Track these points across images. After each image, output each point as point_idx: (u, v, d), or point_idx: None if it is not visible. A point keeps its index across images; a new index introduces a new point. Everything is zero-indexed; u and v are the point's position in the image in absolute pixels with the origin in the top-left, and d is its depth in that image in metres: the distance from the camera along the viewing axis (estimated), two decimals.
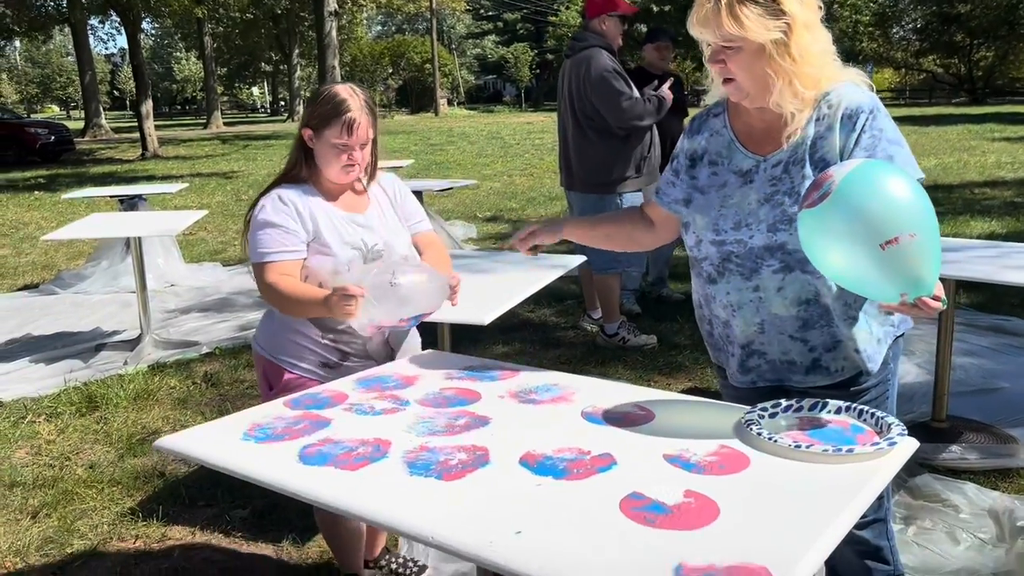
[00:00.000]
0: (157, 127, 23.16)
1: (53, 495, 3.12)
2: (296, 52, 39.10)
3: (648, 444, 1.50)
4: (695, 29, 1.66)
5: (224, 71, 49.65)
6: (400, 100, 50.11)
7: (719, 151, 1.80)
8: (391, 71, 48.61)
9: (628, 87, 4.35)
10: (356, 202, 2.21)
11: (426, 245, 2.29)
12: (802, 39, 1.61)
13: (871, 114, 1.64)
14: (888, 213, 1.37)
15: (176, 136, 28.85)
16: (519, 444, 1.52)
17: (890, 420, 1.52)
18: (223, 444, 1.59)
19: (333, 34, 21.19)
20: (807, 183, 1.64)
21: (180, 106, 73.49)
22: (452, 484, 1.38)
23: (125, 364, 4.60)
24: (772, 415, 1.60)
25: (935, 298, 1.42)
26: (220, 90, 46.79)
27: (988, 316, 4.84)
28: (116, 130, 31.79)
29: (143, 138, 20.68)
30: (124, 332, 5.25)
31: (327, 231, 2.10)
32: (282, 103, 54.23)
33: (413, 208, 2.33)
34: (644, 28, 17.26)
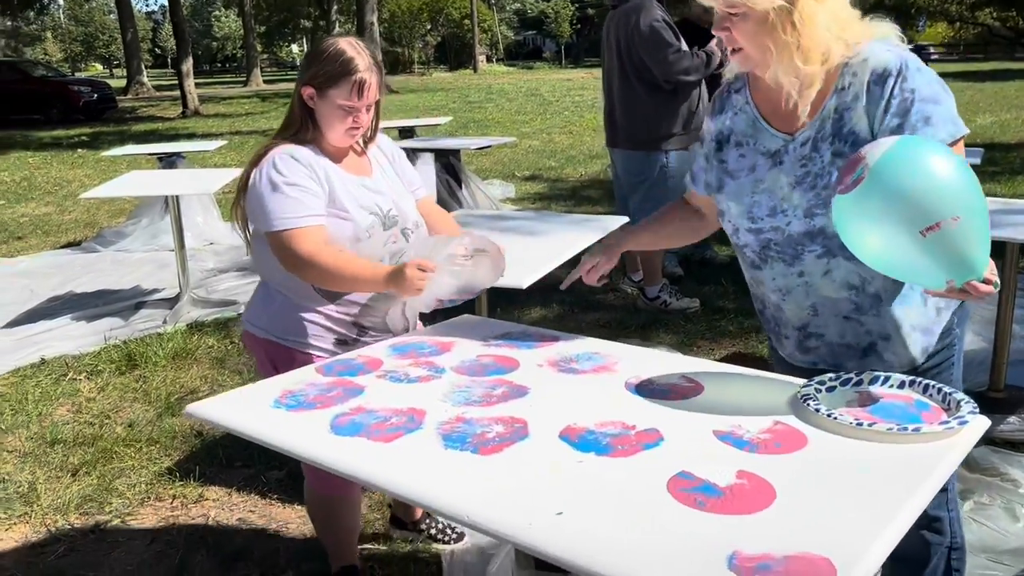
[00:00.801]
0: (197, 85, 23.25)
1: (93, 453, 3.14)
2: (335, 8, 38.82)
3: (697, 419, 1.42)
4: None
5: (263, 28, 49.65)
6: (438, 57, 49.71)
7: (744, 131, 1.67)
8: (429, 27, 48.17)
9: (677, 39, 4.19)
10: (360, 165, 2.06)
11: (432, 212, 2.17)
12: (807, 6, 1.46)
13: (899, 75, 1.48)
14: (927, 197, 1.25)
15: (216, 94, 28.96)
16: (559, 417, 1.44)
17: (959, 396, 1.41)
18: (254, 411, 1.54)
19: None
20: (838, 162, 1.52)
21: (220, 64, 73.79)
22: (489, 458, 1.31)
23: (164, 323, 4.61)
24: (830, 389, 1.50)
25: (986, 281, 1.30)
26: (259, 48, 46.83)
27: None
28: (158, 88, 32.00)
29: (183, 96, 20.78)
30: (163, 290, 5.28)
31: (343, 195, 1.95)
32: None
33: (409, 171, 2.19)
34: None
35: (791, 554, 1.02)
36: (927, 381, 1.48)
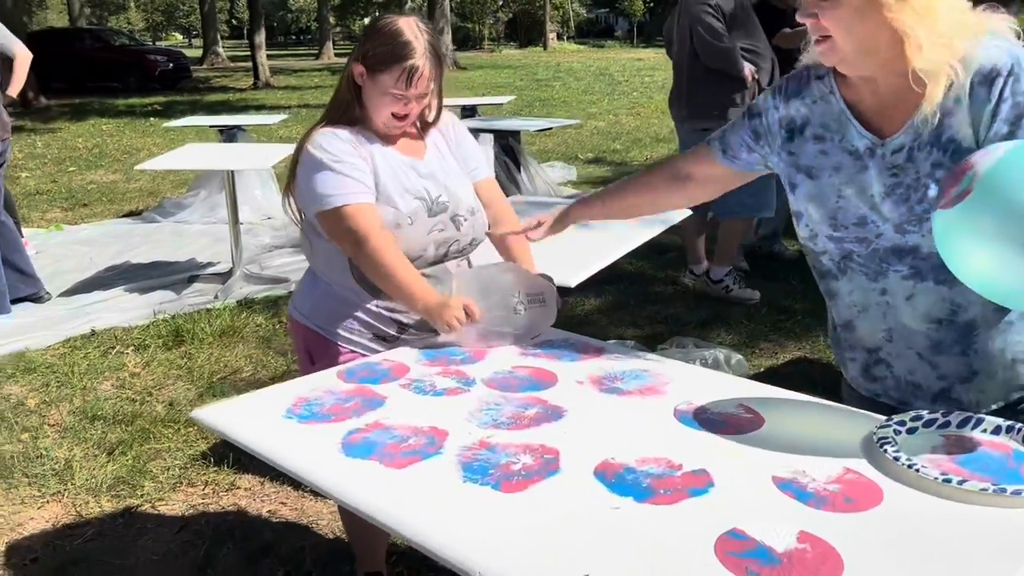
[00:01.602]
0: (270, 57, 23.48)
1: (131, 432, 3.09)
2: None
3: (754, 460, 1.24)
4: None
5: (338, 2, 49.95)
6: (508, 34, 49.40)
7: (827, 123, 1.43)
8: (501, 3, 47.83)
9: (723, 26, 4.15)
10: (414, 147, 1.92)
11: (490, 200, 2.01)
12: None
13: (1011, 75, 1.25)
14: None
15: (288, 66, 29.25)
16: (596, 448, 1.28)
17: None
18: (263, 421, 1.41)
19: None
20: (937, 174, 1.30)
21: (295, 36, 74.69)
22: (511, 497, 1.15)
23: (215, 298, 4.58)
24: (911, 431, 1.30)
25: None
26: (333, 21, 47.16)
27: None
28: (232, 59, 32.48)
29: (255, 68, 21.00)
30: (218, 264, 5.25)
31: (388, 178, 1.82)
32: None
33: (471, 150, 2.04)
34: None
35: None
36: None
